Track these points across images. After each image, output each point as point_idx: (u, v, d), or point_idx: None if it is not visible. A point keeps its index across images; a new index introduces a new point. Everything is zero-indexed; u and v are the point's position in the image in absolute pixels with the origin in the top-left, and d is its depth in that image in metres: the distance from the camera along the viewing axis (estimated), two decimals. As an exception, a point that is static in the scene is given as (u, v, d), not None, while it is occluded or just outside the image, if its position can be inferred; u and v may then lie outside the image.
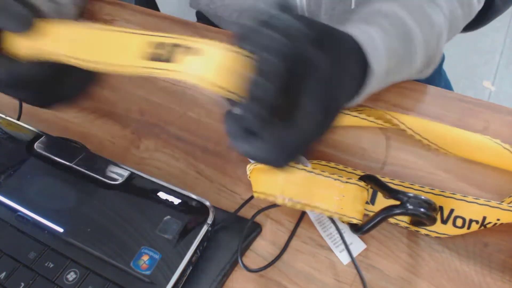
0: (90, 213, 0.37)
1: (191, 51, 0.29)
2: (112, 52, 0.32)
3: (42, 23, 0.35)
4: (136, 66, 0.30)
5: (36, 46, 0.35)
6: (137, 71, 0.30)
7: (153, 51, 0.30)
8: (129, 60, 0.30)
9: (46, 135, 0.42)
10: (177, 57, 0.29)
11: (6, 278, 0.33)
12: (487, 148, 0.39)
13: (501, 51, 1.55)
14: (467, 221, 0.35)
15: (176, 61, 0.29)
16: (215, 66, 0.28)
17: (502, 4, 0.66)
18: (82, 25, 0.33)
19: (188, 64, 0.29)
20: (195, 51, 0.29)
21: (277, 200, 0.35)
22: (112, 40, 0.32)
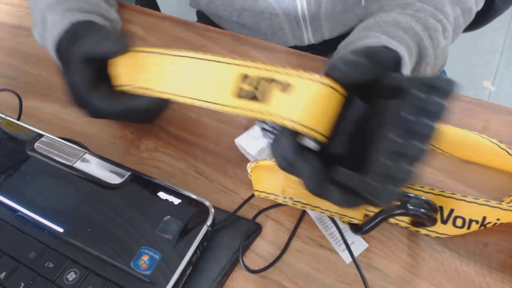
0: (90, 213, 0.37)
1: (281, 86, 0.28)
2: (205, 87, 0.32)
3: (135, 51, 0.37)
4: (228, 105, 0.30)
5: (135, 82, 0.37)
6: (227, 110, 0.30)
7: (242, 87, 0.29)
8: (221, 99, 0.30)
9: (46, 135, 0.42)
10: (267, 96, 0.28)
11: (6, 278, 0.34)
12: (485, 149, 0.39)
13: (501, 51, 1.55)
14: (467, 221, 0.35)
15: (267, 101, 0.28)
16: (308, 107, 0.27)
17: (502, 4, 0.66)
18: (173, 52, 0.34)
19: (280, 106, 0.28)
20: (285, 86, 0.28)
21: (278, 200, 0.35)
22: (205, 73, 0.32)
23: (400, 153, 0.24)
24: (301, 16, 0.58)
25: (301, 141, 0.28)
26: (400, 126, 0.25)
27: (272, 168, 0.35)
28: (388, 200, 0.24)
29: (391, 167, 0.24)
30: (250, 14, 0.60)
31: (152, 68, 0.35)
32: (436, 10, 0.41)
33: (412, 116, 0.25)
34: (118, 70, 0.38)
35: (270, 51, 0.51)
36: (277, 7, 0.57)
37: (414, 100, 0.25)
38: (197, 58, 0.32)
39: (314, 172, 0.27)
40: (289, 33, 0.62)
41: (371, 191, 0.24)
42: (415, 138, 0.24)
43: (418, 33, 0.39)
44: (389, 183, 0.24)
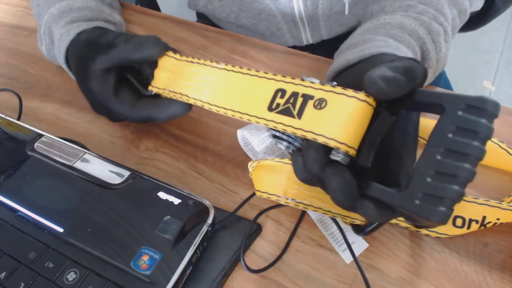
0: (90, 213, 0.37)
1: (315, 102, 0.28)
2: (241, 99, 0.33)
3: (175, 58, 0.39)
4: (262, 117, 0.31)
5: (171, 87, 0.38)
6: (261, 122, 0.31)
7: (277, 101, 0.30)
8: (256, 111, 0.31)
9: (46, 135, 0.42)
10: (300, 111, 0.29)
11: (6, 278, 0.33)
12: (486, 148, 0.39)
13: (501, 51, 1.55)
14: (467, 221, 0.35)
15: (300, 116, 0.29)
16: (343, 123, 0.27)
17: (502, 4, 0.66)
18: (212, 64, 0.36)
19: (313, 122, 0.28)
20: (319, 102, 0.28)
21: (280, 201, 0.35)
22: (242, 85, 0.33)
23: (451, 175, 0.24)
24: (298, 16, 0.58)
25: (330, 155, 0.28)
26: (448, 147, 0.25)
27: (274, 168, 0.35)
28: (440, 221, 0.24)
29: (442, 189, 0.24)
30: (247, 15, 0.60)
31: (190, 75, 0.37)
32: (436, 12, 0.41)
33: (461, 138, 0.25)
34: (156, 72, 0.40)
35: (270, 51, 0.51)
36: (274, 8, 0.57)
37: (460, 121, 0.25)
38: (234, 71, 0.34)
39: (347, 186, 0.27)
40: (287, 34, 0.62)
41: (421, 213, 0.24)
42: (466, 160, 0.24)
43: (421, 36, 0.39)
44: (440, 205, 0.24)
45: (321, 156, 0.28)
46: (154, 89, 0.40)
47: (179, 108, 0.39)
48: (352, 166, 0.28)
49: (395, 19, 0.40)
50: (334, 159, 0.28)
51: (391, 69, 0.28)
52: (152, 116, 0.40)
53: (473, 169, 0.24)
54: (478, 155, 0.24)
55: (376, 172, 0.29)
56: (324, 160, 0.28)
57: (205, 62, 0.36)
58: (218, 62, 0.36)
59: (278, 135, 0.33)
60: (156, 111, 0.40)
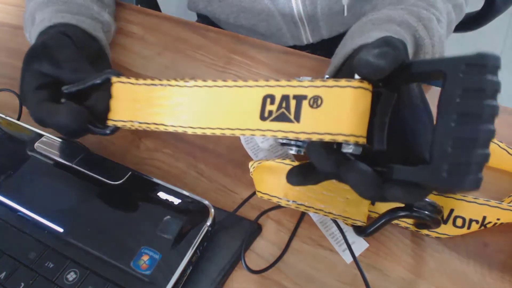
0: (90, 213, 0.37)
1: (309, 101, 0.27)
2: (229, 114, 0.30)
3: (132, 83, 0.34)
4: (256, 129, 0.28)
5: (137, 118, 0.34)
6: (257, 134, 0.28)
7: (268, 108, 0.28)
8: (249, 123, 0.29)
9: (46, 135, 0.42)
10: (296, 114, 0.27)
11: (6, 278, 0.33)
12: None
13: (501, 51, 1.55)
14: (467, 221, 0.35)
15: (298, 119, 0.27)
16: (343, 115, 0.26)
17: (502, 4, 0.66)
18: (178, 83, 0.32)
19: (313, 122, 0.27)
20: (314, 100, 0.27)
21: (280, 203, 0.34)
22: (225, 100, 0.30)
23: (471, 139, 0.23)
24: (298, 16, 0.58)
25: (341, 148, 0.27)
26: (460, 112, 0.24)
27: (275, 169, 0.35)
28: (473, 188, 0.23)
29: (466, 155, 0.23)
30: (247, 16, 0.60)
31: (158, 101, 0.33)
32: (428, 5, 0.41)
33: (470, 99, 0.24)
34: (113, 105, 0.35)
35: (270, 51, 0.51)
36: (273, 8, 0.57)
37: (464, 83, 0.24)
38: (208, 86, 0.31)
39: (367, 179, 0.26)
40: (287, 34, 0.62)
41: (453, 185, 0.23)
42: (481, 121, 0.23)
43: (412, 24, 0.39)
44: (469, 172, 0.23)
45: (329, 155, 0.27)
46: (117, 123, 0.35)
47: (66, 119, 0.34)
48: (369, 153, 0.28)
49: (383, 14, 0.40)
50: (346, 151, 0.27)
51: (374, 47, 0.27)
52: (42, 118, 0.36)
53: (491, 127, 0.24)
54: (492, 112, 0.24)
55: (397, 152, 0.28)
56: (334, 158, 0.27)
57: (170, 82, 0.32)
58: (185, 80, 0.32)
59: (286, 142, 0.32)
60: (46, 114, 0.35)
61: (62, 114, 0.35)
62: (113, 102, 0.35)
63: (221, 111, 0.30)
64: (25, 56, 0.40)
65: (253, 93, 0.29)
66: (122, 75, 0.36)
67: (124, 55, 0.53)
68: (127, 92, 0.35)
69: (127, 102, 0.35)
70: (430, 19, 0.40)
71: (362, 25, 0.40)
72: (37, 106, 0.36)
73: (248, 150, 0.42)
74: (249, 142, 0.42)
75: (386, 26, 0.38)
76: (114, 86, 0.35)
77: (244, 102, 0.29)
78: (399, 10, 0.40)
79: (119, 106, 0.35)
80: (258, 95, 0.29)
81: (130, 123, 0.34)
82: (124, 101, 0.35)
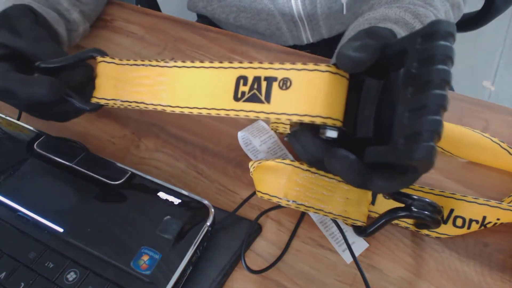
0: (90, 213, 0.37)
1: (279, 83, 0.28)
2: (205, 94, 0.31)
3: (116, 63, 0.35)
4: (230, 109, 0.29)
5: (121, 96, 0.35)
6: (231, 114, 0.29)
7: (241, 89, 0.29)
8: (224, 103, 0.30)
9: (46, 135, 0.42)
10: (267, 95, 0.28)
11: (6, 278, 0.33)
12: (486, 148, 0.39)
13: (501, 51, 1.55)
14: (467, 221, 0.35)
15: (268, 100, 0.28)
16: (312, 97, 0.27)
17: (502, 4, 0.66)
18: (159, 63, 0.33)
19: (282, 103, 0.27)
20: (284, 82, 0.28)
21: (281, 203, 0.34)
22: (201, 80, 0.31)
23: (422, 106, 0.23)
24: (297, 16, 0.58)
25: (322, 135, 0.28)
26: (414, 83, 0.24)
27: (275, 169, 0.35)
28: (424, 157, 0.22)
29: (417, 124, 0.23)
30: (247, 16, 0.60)
31: (138, 80, 0.34)
32: (425, 4, 0.41)
33: (422, 68, 0.23)
34: (98, 82, 0.36)
35: (270, 51, 0.51)
36: (273, 8, 0.57)
37: (419, 53, 0.24)
38: (186, 67, 0.32)
39: (350, 165, 0.26)
40: (287, 33, 0.62)
41: (405, 156, 0.23)
42: (432, 87, 0.23)
43: (408, 22, 0.39)
44: (420, 141, 0.22)
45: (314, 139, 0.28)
46: (100, 101, 0.36)
47: (44, 89, 0.33)
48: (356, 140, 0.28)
49: (378, 12, 0.40)
50: (325, 137, 0.28)
51: (355, 40, 0.27)
52: (10, 87, 0.34)
53: (442, 92, 0.23)
54: (442, 76, 0.23)
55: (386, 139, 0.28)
56: (319, 143, 0.28)
57: (151, 62, 0.34)
58: (166, 60, 0.33)
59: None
60: (17, 84, 0.34)
61: (37, 83, 0.34)
62: (98, 80, 0.36)
63: (198, 91, 0.31)
64: None
65: (227, 74, 0.30)
66: (107, 55, 0.37)
67: (124, 55, 0.53)
68: (111, 72, 0.36)
69: (110, 81, 0.36)
70: (427, 15, 0.40)
71: (359, 24, 0.40)
72: (2, 76, 0.35)
73: (247, 152, 0.42)
74: (248, 144, 0.42)
75: (382, 25, 0.38)
76: (99, 65, 0.36)
77: (219, 82, 0.30)
78: (395, 8, 0.40)
79: (103, 84, 0.36)
80: (232, 76, 0.30)
81: (112, 101, 0.36)
82: (108, 79, 0.36)
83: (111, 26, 0.56)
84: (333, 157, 0.27)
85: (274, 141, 0.41)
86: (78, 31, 0.50)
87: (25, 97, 0.35)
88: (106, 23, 0.57)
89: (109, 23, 0.57)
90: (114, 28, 0.56)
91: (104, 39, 0.55)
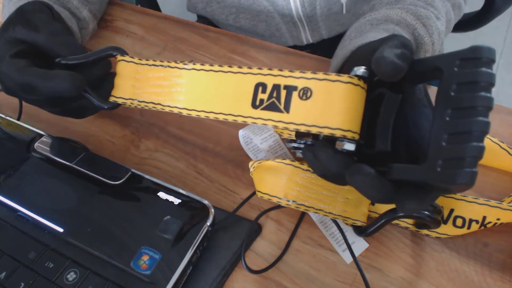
0: (90, 213, 0.37)
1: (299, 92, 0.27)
2: (223, 99, 0.30)
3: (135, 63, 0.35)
4: (250, 116, 0.29)
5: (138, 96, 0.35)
6: (248, 121, 0.29)
7: (260, 96, 0.28)
8: (241, 110, 0.29)
9: (46, 135, 0.42)
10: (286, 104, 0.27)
11: (6, 278, 0.33)
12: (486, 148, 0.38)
13: (500, 51, 1.55)
14: (467, 221, 0.35)
15: (287, 109, 0.27)
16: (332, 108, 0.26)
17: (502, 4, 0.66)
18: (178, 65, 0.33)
19: (301, 113, 0.27)
20: (304, 91, 0.27)
21: (281, 203, 0.34)
22: (219, 84, 0.31)
23: (465, 132, 0.23)
24: (297, 17, 0.58)
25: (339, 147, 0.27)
26: (455, 106, 0.24)
27: (275, 169, 0.35)
28: (467, 182, 0.22)
29: (460, 149, 0.23)
30: (246, 17, 0.60)
31: (156, 81, 0.34)
32: (426, 4, 0.41)
33: (463, 92, 0.23)
34: (117, 81, 0.36)
35: (270, 51, 0.51)
36: (272, 9, 0.57)
37: (459, 77, 0.24)
38: (205, 70, 0.31)
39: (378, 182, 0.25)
40: (286, 34, 0.62)
41: (446, 179, 0.23)
42: (476, 113, 0.23)
43: (410, 23, 0.39)
44: (463, 166, 0.22)
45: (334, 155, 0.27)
46: (118, 100, 0.36)
47: (66, 83, 0.33)
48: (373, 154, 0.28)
49: (380, 13, 0.40)
50: (339, 149, 0.27)
51: (394, 47, 0.27)
52: (31, 82, 0.34)
53: (486, 119, 0.23)
54: (486, 104, 0.23)
55: (403, 153, 0.28)
56: (339, 159, 0.27)
57: (170, 63, 0.33)
58: (184, 62, 0.33)
59: (296, 146, 0.33)
60: (38, 78, 0.34)
61: (59, 77, 0.34)
62: (117, 79, 0.36)
63: (216, 95, 0.31)
64: (1, 26, 0.38)
65: (246, 80, 0.29)
66: (126, 53, 0.37)
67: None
68: (130, 71, 0.36)
69: (129, 80, 0.36)
70: (429, 17, 0.40)
71: (360, 25, 0.40)
72: (22, 71, 0.34)
73: (247, 151, 0.42)
74: (248, 143, 0.42)
75: (384, 26, 0.38)
76: (119, 64, 0.36)
77: (238, 88, 0.30)
78: (396, 10, 0.40)
79: (121, 83, 0.36)
80: (250, 82, 0.29)
81: (130, 101, 0.35)
82: (126, 79, 0.36)
83: (111, 26, 0.56)
84: (357, 174, 0.26)
85: (275, 139, 0.41)
86: (88, 29, 0.50)
87: (46, 91, 0.34)
88: (106, 23, 0.57)
89: (110, 23, 0.57)
90: (114, 28, 0.56)
91: (105, 39, 0.55)
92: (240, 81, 0.30)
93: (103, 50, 0.37)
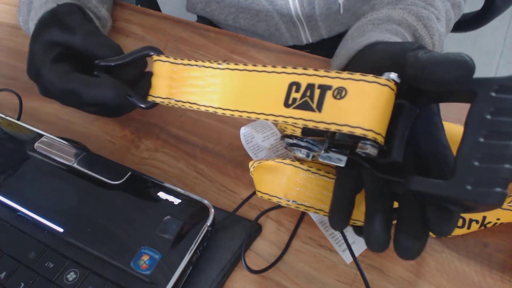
0: (90, 213, 0.37)
1: (333, 92, 0.27)
2: (256, 99, 0.31)
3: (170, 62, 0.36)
4: (279, 115, 0.29)
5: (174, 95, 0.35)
6: (280, 120, 0.29)
7: (293, 95, 0.28)
8: (274, 109, 0.29)
9: (46, 135, 0.42)
10: (319, 103, 0.27)
11: (6, 278, 0.33)
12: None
13: (501, 51, 1.55)
14: (467, 221, 0.35)
15: (320, 108, 0.27)
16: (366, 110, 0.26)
17: (502, 4, 0.66)
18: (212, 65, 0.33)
19: (335, 112, 0.27)
20: (338, 91, 0.27)
21: (281, 203, 0.34)
22: (253, 84, 0.31)
23: (500, 155, 0.24)
24: (296, 17, 0.58)
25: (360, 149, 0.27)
26: (491, 129, 0.24)
27: (275, 169, 0.35)
28: (498, 203, 0.23)
29: (493, 170, 0.24)
30: (245, 16, 0.60)
31: (192, 81, 0.34)
32: (427, 4, 0.41)
33: (500, 117, 0.24)
34: (154, 81, 0.37)
35: (270, 51, 0.51)
36: (272, 9, 0.57)
37: (496, 102, 0.25)
38: (238, 69, 0.32)
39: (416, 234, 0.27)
40: (286, 34, 0.62)
41: (477, 198, 0.23)
42: (508, 138, 0.24)
43: (411, 24, 0.39)
44: (495, 186, 0.23)
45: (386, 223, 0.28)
46: (155, 99, 0.37)
47: (111, 92, 0.34)
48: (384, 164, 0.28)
49: (381, 13, 0.40)
50: (362, 151, 0.27)
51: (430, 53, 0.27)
52: (75, 89, 0.35)
53: None
54: None
55: (410, 167, 0.28)
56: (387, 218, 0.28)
57: (204, 63, 0.34)
58: (219, 62, 0.33)
59: (295, 142, 0.32)
60: (82, 86, 0.35)
61: (103, 85, 0.34)
62: (154, 79, 0.37)
63: (249, 94, 0.31)
64: (33, 30, 0.38)
65: (280, 79, 0.29)
66: (162, 53, 0.37)
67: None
68: (166, 71, 0.36)
69: (165, 80, 0.36)
70: (430, 18, 0.40)
71: (362, 25, 0.40)
72: (65, 78, 0.35)
73: (248, 150, 0.42)
74: (249, 141, 0.42)
75: (386, 26, 0.38)
76: (155, 64, 0.37)
77: (271, 87, 0.30)
78: (398, 10, 0.40)
79: (158, 83, 0.37)
80: (284, 81, 0.29)
81: (167, 100, 0.36)
82: (163, 78, 0.36)
83: (112, 27, 0.56)
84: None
85: (277, 138, 0.41)
86: (107, 27, 0.51)
87: (90, 99, 0.35)
88: (106, 23, 0.57)
89: (109, 23, 0.57)
90: (114, 28, 0.56)
91: (104, 39, 0.55)
92: (274, 80, 0.30)
93: (140, 50, 0.37)
